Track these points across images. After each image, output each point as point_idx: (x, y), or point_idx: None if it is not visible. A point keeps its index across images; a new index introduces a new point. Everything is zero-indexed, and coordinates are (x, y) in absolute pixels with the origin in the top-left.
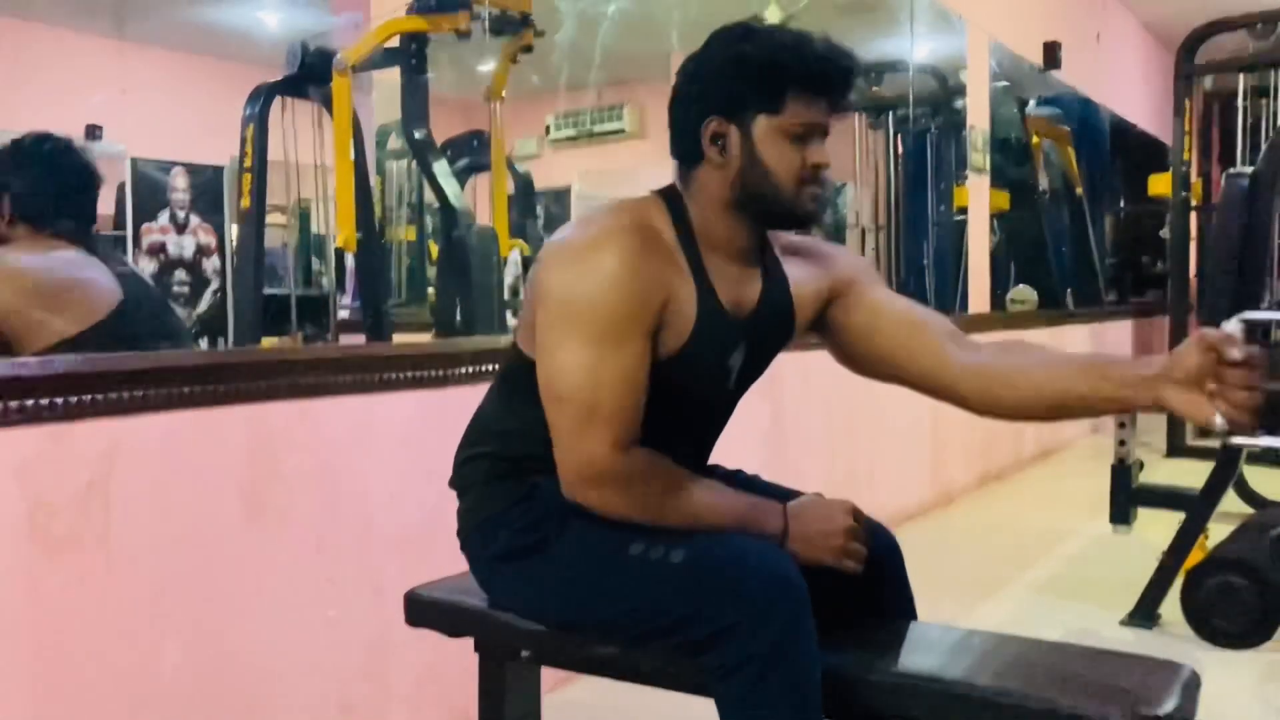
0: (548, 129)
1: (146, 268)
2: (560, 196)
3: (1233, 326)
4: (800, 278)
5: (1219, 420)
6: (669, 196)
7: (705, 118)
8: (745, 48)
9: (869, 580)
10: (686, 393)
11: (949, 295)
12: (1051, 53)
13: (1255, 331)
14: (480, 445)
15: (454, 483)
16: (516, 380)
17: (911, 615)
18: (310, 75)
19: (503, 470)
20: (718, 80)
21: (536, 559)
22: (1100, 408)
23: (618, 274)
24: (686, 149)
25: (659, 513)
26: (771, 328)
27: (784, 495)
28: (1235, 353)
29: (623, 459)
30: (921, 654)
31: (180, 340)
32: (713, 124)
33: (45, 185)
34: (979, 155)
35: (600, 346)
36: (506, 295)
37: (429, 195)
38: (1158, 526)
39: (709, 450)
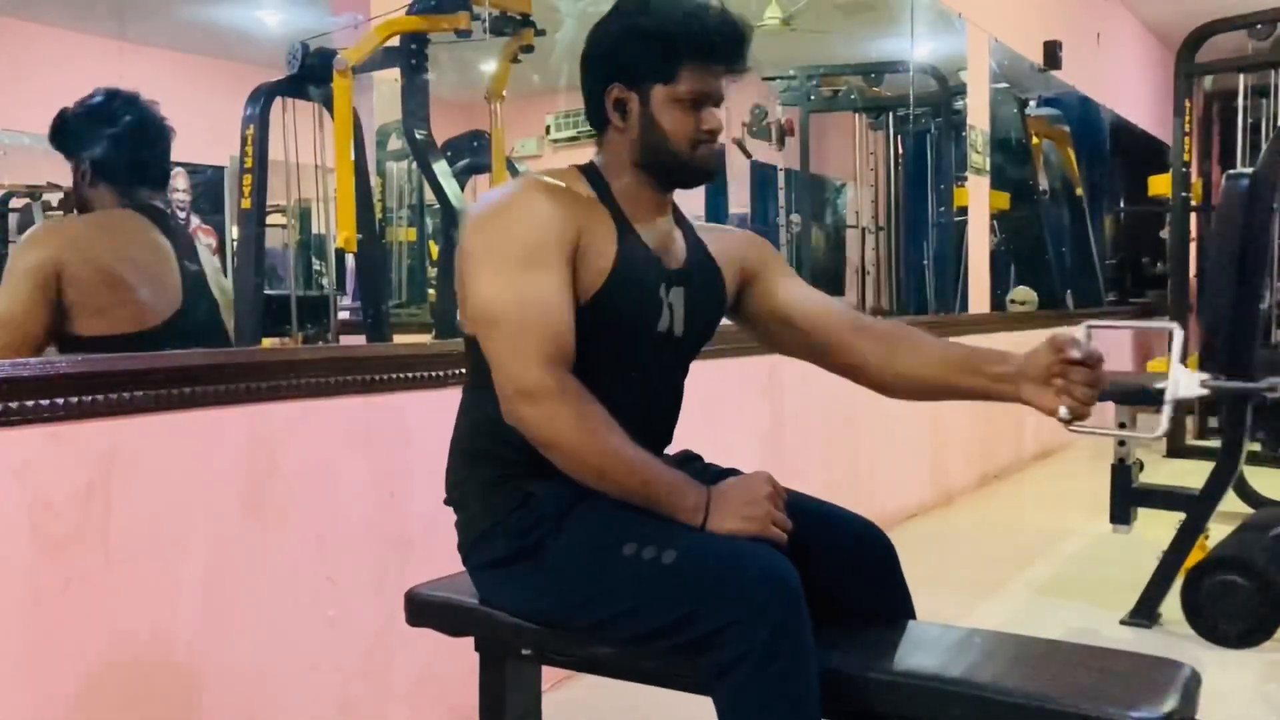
0: (548, 129)
1: None
2: None
3: (1079, 331)
4: (721, 249)
5: (1062, 411)
6: (586, 168)
7: (608, 85)
8: (642, 20)
9: (865, 580)
10: (622, 330)
11: (949, 296)
12: (1051, 52)
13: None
14: (468, 457)
15: (450, 499)
16: (478, 366)
17: (910, 614)
18: (310, 75)
19: (496, 479)
20: (617, 50)
21: (533, 563)
22: (972, 397)
23: (528, 208)
24: (594, 116)
25: (594, 445)
26: (703, 279)
27: (797, 503)
28: (1075, 353)
29: (557, 374)
30: (921, 653)
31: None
32: (614, 91)
33: (122, 144)
34: (979, 155)
35: (521, 271)
36: None
37: (429, 195)
38: (1158, 526)
39: (668, 427)
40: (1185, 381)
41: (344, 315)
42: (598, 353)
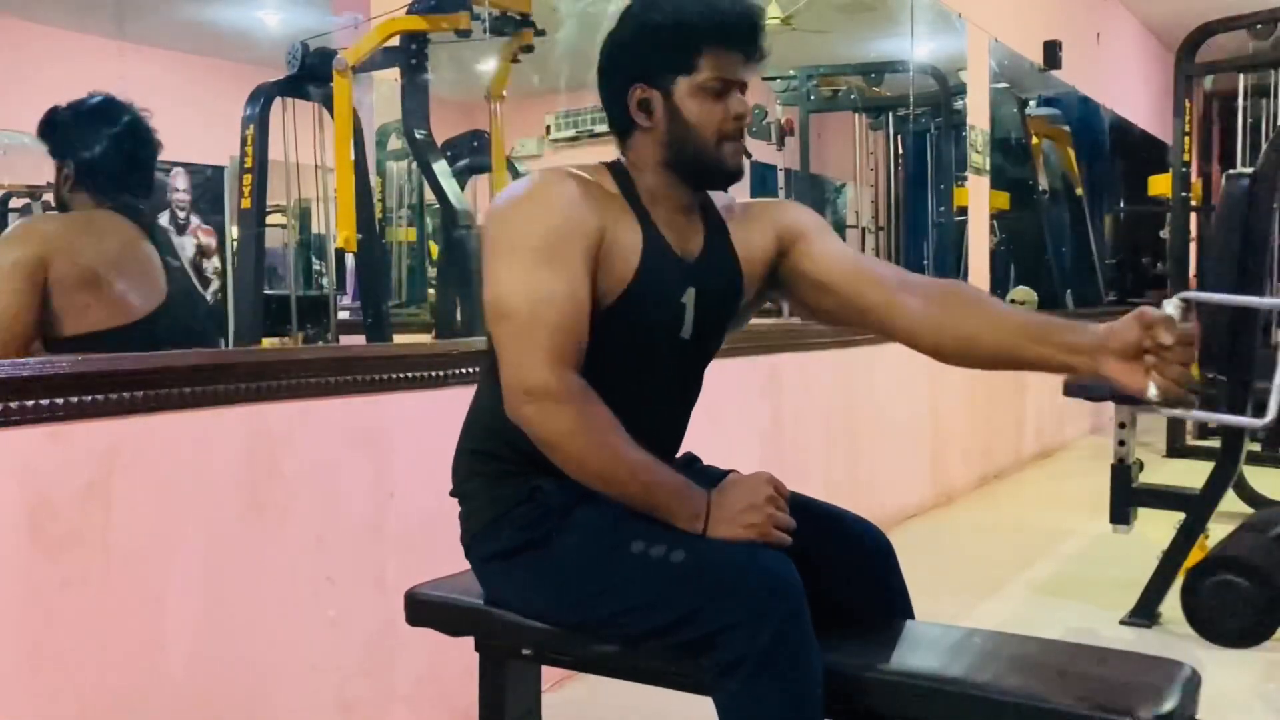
0: (548, 129)
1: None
2: None
3: (1172, 307)
4: (745, 236)
5: (1153, 392)
6: (614, 166)
7: (629, 87)
8: (653, 15)
9: (864, 580)
10: (641, 336)
11: None
12: (1051, 52)
13: (1190, 310)
14: (477, 449)
15: (455, 490)
16: (493, 360)
17: (909, 614)
18: (310, 75)
19: (503, 473)
20: (634, 50)
21: (539, 555)
22: (1041, 368)
23: (552, 202)
24: (619, 121)
25: (596, 448)
26: (718, 274)
27: (796, 503)
28: (1168, 336)
29: (562, 375)
30: (921, 653)
31: (211, 345)
32: (637, 91)
33: (107, 150)
34: (979, 155)
35: (538, 266)
36: None
37: (429, 195)
38: (1158, 526)
39: (678, 432)
40: None
41: (344, 315)
42: (616, 358)
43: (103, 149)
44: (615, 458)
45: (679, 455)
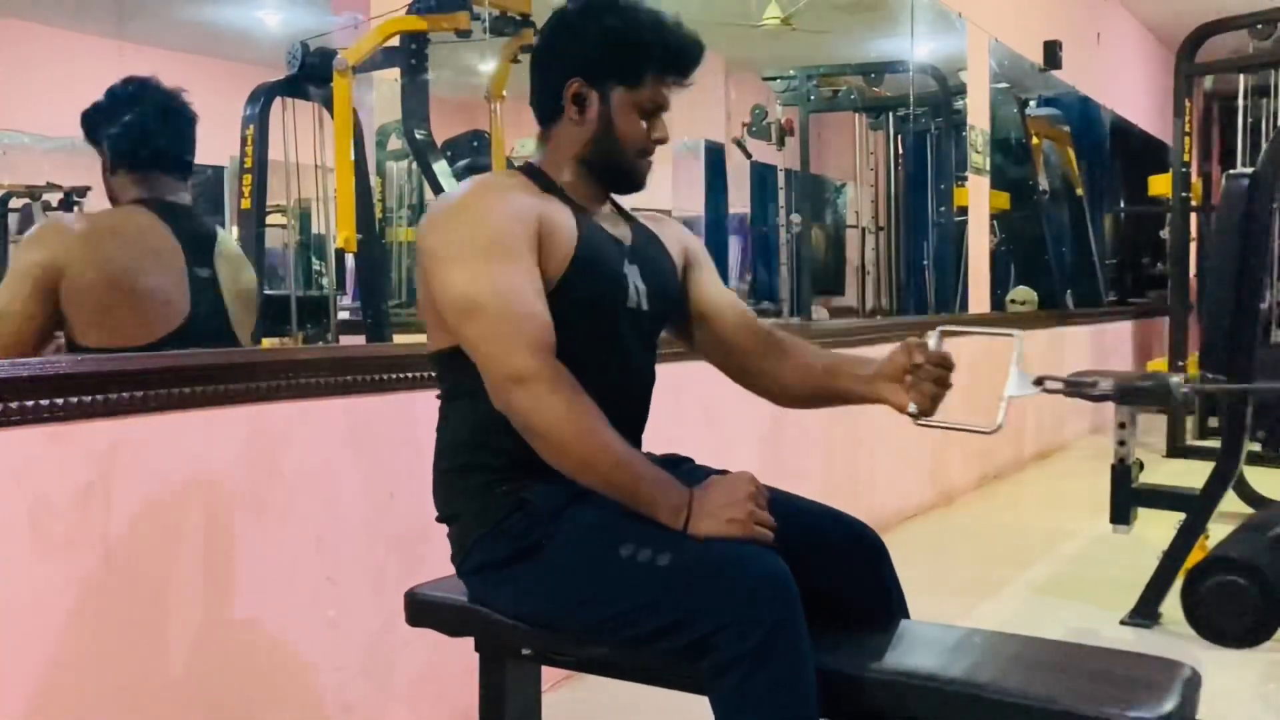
0: None
1: None
2: None
3: (931, 339)
4: (663, 234)
5: (911, 407)
6: (527, 169)
7: (568, 78)
8: (613, 21)
9: (857, 580)
10: (592, 309)
11: (949, 296)
12: (1051, 52)
13: (942, 340)
14: (455, 468)
15: (441, 515)
16: (452, 378)
17: (904, 613)
18: (310, 75)
19: (487, 485)
20: (583, 45)
21: (529, 564)
22: (842, 401)
23: (490, 204)
24: (547, 107)
25: (582, 435)
26: (653, 254)
27: (787, 503)
28: (920, 358)
29: (546, 359)
30: (921, 653)
31: None
32: (575, 85)
33: (135, 131)
34: (979, 155)
35: (494, 261)
36: None
37: (429, 195)
38: (1158, 526)
39: (642, 413)
40: (1019, 382)
41: (344, 315)
42: (572, 336)
43: (128, 128)
44: (602, 447)
45: (670, 454)
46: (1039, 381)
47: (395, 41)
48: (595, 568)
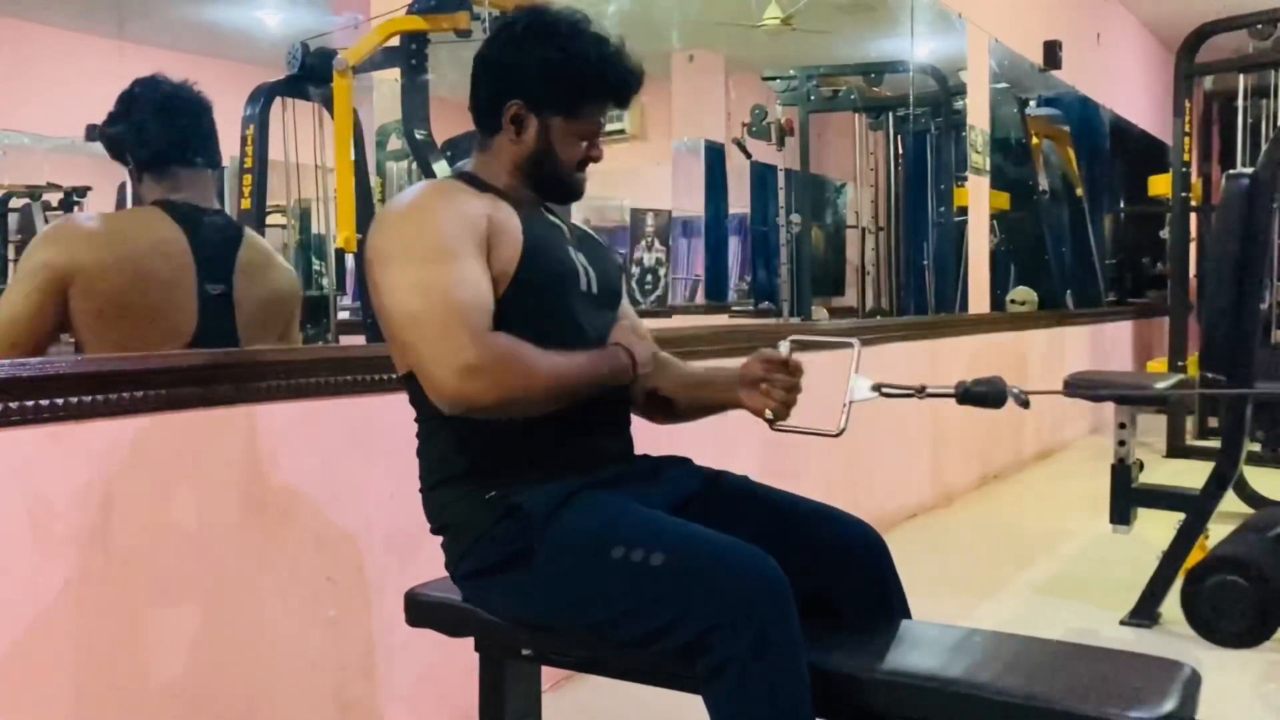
0: None
1: None
2: None
3: (784, 347)
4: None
5: (767, 411)
6: (465, 176)
7: (508, 100)
8: (556, 54)
9: (860, 580)
10: (550, 295)
11: (949, 296)
12: (1051, 52)
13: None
14: (442, 481)
15: (434, 529)
16: (429, 402)
17: (905, 614)
18: (310, 75)
19: (476, 494)
20: (526, 74)
21: (522, 569)
22: (708, 410)
23: (432, 206)
24: (487, 122)
25: (540, 384)
26: (595, 246)
27: (789, 503)
28: (775, 368)
29: (487, 343)
30: (920, 653)
31: None
32: (514, 108)
33: (165, 136)
34: (979, 155)
35: (437, 264)
36: None
37: None
38: (1158, 526)
39: (619, 393)
40: (859, 387)
41: (344, 315)
42: (531, 323)
43: (140, 129)
44: (557, 380)
45: (670, 455)
46: (876, 387)
47: (395, 41)
48: (588, 570)
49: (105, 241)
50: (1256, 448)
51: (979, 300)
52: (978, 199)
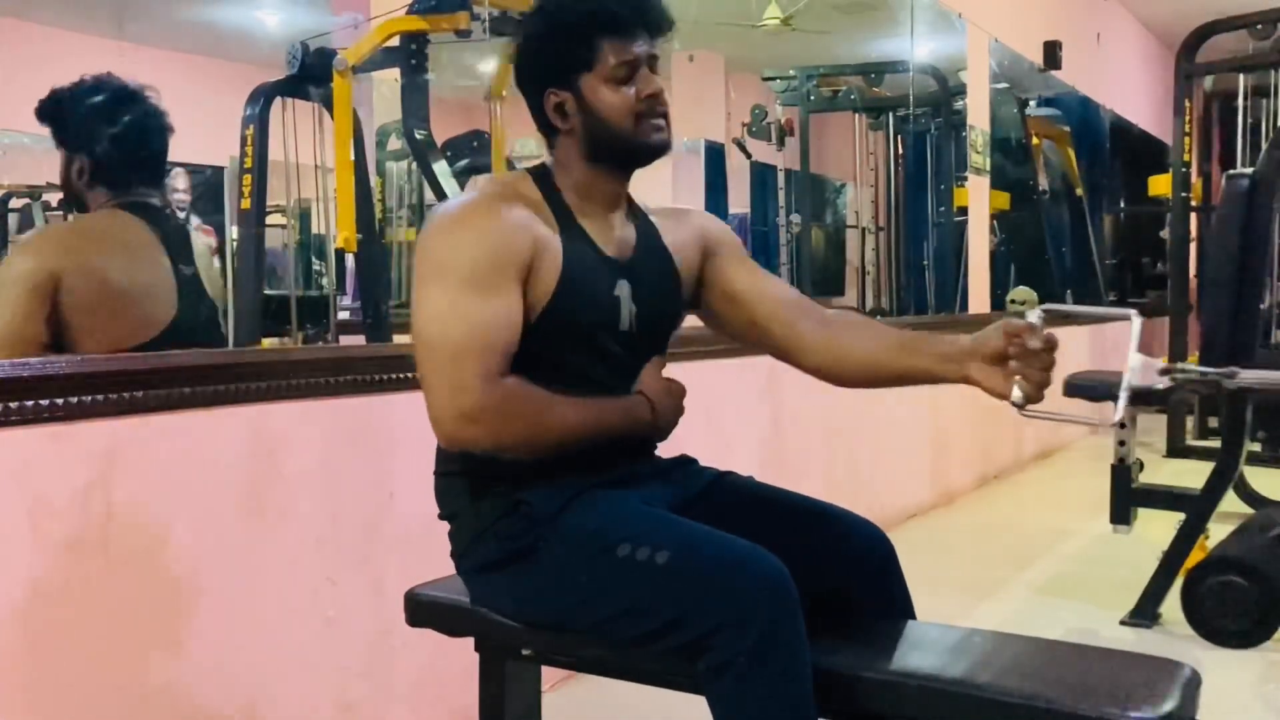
0: None
1: None
2: None
3: (1034, 316)
4: (675, 236)
5: (1016, 395)
6: (535, 170)
7: (543, 93)
8: (545, 20)
9: (866, 580)
10: (580, 333)
11: (949, 296)
12: (1051, 52)
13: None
14: (453, 472)
15: (442, 514)
16: None
17: (910, 614)
18: (310, 75)
19: (483, 488)
20: (536, 59)
21: (526, 565)
22: (918, 379)
23: (483, 228)
24: (543, 125)
25: (544, 432)
26: (652, 267)
27: (795, 504)
28: (1035, 342)
29: (495, 388)
30: (921, 653)
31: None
32: (551, 97)
33: (114, 138)
34: (979, 156)
35: (470, 294)
36: None
37: (429, 195)
38: (1158, 526)
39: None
40: (1144, 370)
41: (344, 315)
42: (562, 357)
43: (114, 138)
44: (563, 427)
45: (674, 455)
46: (1166, 372)
47: (395, 41)
48: (592, 568)
49: (80, 240)
50: (1256, 448)
51: (979, 300)
52: (978, 199)
